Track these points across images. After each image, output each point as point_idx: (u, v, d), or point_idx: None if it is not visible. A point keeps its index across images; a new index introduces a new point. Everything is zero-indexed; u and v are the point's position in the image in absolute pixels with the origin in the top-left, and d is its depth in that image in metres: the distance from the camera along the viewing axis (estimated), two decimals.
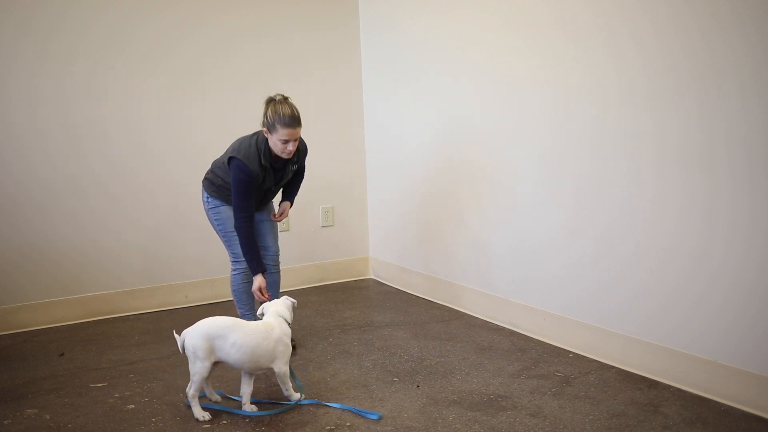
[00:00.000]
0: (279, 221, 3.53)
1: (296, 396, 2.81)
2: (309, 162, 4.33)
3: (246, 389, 2.75)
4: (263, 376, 3.09)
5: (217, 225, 3.38)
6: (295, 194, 3.60)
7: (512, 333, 3.64)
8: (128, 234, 4.23)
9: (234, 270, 3.39)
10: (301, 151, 3.42)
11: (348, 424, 2.63)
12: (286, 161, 3.34)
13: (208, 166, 3.52)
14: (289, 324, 2.85)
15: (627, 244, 3.04)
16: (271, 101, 3.17)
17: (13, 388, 3.09)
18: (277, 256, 3.52)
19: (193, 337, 2.65)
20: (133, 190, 4.22)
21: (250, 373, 2.75)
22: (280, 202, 3.56)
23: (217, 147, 4.01)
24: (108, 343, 3.68)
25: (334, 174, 4.86)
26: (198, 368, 2.65)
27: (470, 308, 4.02)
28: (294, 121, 3.11)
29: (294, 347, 3.46)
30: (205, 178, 3.42)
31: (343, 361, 3.28)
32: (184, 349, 2.69)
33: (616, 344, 3.12)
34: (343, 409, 2.74)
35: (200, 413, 2.69)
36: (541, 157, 3.45)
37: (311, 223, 4.81)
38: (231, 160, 3.20)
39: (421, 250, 4.44)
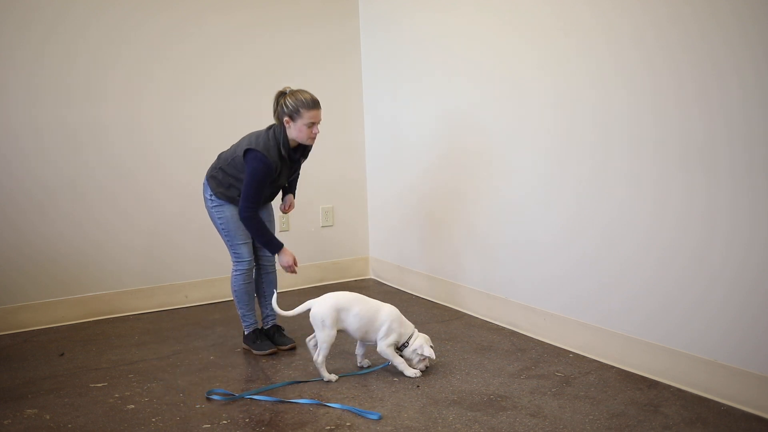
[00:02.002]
0: (288, 212, 3.60)
1: (409, 371, 3.06)
2: (309, 160, 4.33)
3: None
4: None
5: (221, 224, 3.37)
6: (295, 187, 3.66)
7: (512, 333, 3.64)
8: (128, 234, 4.23)
9: (235, 270, 3.39)
10: (309, 149, 3.46)
11: (348, 424, 2.63)
12: (298, 154, 3.37)
13: (208, 166, 3.52)
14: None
15: (627, 244, 3.04)
16: (283, 93, 3.25)
17: (13, 388, 3.09)
18: (275, 256, 3.53)
19: (322, 308, 3.00)
20: (134, 190, 4.22)
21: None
22: (284, 196, 3.61)
23: (217, 146, 4.01)
24: (108, 343, 3.68)
25: (334, 174, 4.85)
26: (325, 336, 2.99)
27: (470, 308, 4.02)
28: (317, 103, 3.23)
29: (293, 348, 3.48)
30: (211, 176, 3.38)
31: (343, 361, 3.28)
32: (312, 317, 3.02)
33: (616, 344, 3.12)
34: (343, 409, 2.74)
35: (327, 375, 3.02)
36: (541, 157, 3.45)
37: (311, 223, 4.80)
38: (248, 152, 3.21)
39: (421, 250, 4.44)
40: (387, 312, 3.08)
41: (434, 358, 3.09)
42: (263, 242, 3.31)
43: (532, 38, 3.43)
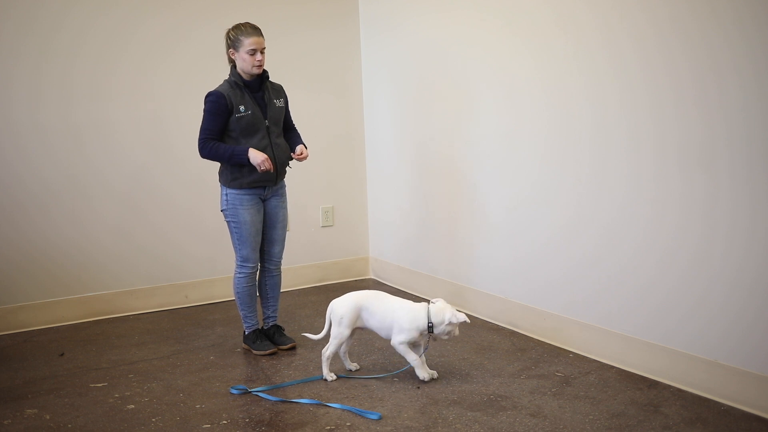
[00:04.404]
0: (302, 159, 3.44)
1: (422, 373, 2.99)
2: (309, 161, 4.33)
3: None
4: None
5: (234, 227, 3.34)
6: (302, 142, 3.51)
7: (512, 333, 3.64)
8: (129, 234, 4.22)
9: (238, 273, 3.39)
10: (280, 90, 3.46)
11: (348, 424, 2.63)
12: (267, 93, 3.35)
13: (211, 166, 3.52)
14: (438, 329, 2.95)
15: (627, 244, 3.04)
16: (228, 30, 3.34)
17: (13, 388, 3.09)
18: (281, 260, 3.53)
19: (344, 306, 3.02)
20: (134, 190, 4.22)
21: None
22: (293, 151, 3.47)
23: None
24: (108, 343, 3.68)
25: (334, 174, 4.85)
26: (338, 333, 3.02)
27: (470, 308, 4.02)
28: (256, 29, 3.29)
29: (293, 347, 3.48)
30: (220, 173, 3.37)
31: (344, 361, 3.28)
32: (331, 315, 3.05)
33: (616, 344, 3.12)
34: (343, 409, 2.74)
35: (328, 373, 3.05)
36: (541, 157, 3.45)
37: (311, 223, 4.80)
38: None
39: (420, 250, 4.44)
40: (401, 313, 2.98)
41: (465, 319, 2.92)
42: (227, 158, 3.23)
43: (531, 40, 3.43)
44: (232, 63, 3.34)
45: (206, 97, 3.29)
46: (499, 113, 3.69)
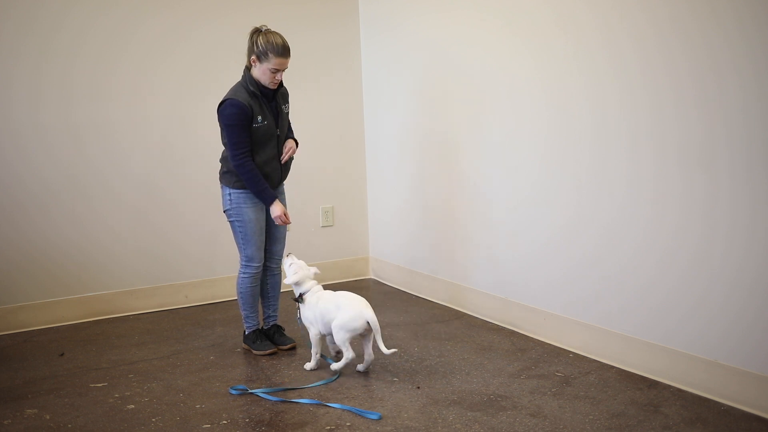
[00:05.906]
0: (288, 155, 3.40)
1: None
2: (309, 160, 4.34)
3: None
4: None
5: (239, 226, 3.33)
6: (292, 136, 3.51)
7: (512, 333, 3.64)
8: (129, 234, 4.22)
9: (243, 273, 3.38)
10: (286, 95, 3.43)
11: (348, 424, 2.63)
12: (278, 101, 3.34)
13: (213, 164, 3.52)
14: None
15: (627, 244, 3.04)
16: (257, 31, 3.23)
17: (13, 388, 3.09)
18: (281, 259, 3.53)
19: (368, 309, 3.07)
20: (134, 190, 4.22)
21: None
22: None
23: (220, 146, 4.02)
24: (108, 343, 3.68)
25: (334, 174, 4.85)
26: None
27: (470, 308, 4.02)
28: (287, 51, 3.21)
29: (294, 347, 3.48)
30: (223, 174, 3.36)
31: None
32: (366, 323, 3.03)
33: (616, 344, 3.12)
34: (343, 409, 2.74)
35: (349, 349, 3.05)
36: (541, 158, 3.45)
37: (311, 223, 4.80)
38: (218, 108, 3.24)
39: (421, 250, 4.44)
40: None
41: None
42: (256, 191, 3.24)
43: (531, 40, 3.43)
44: (248, 66, 3.27)
45: (228, 107, 3.20)
46: (499, 113, 3.69)
